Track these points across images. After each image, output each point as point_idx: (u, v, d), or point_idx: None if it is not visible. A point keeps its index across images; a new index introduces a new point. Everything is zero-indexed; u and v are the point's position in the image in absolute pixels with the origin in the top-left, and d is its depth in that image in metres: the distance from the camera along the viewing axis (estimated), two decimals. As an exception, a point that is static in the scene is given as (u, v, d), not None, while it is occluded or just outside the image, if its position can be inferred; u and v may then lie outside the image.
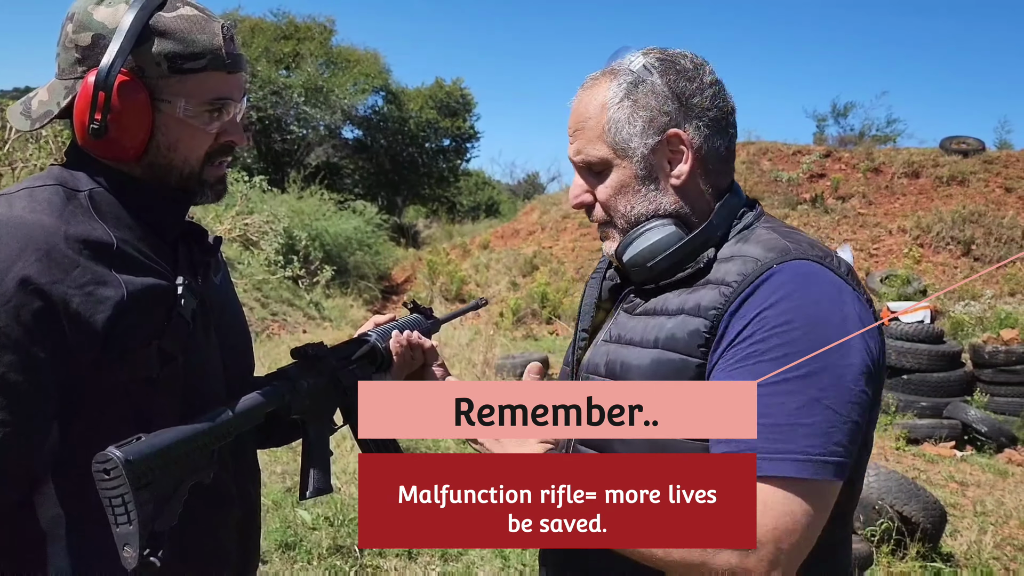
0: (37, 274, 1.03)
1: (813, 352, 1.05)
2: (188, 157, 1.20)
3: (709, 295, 1.15)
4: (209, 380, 1.22)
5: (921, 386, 7.79)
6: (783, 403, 1.04)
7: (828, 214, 14.29)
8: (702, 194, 1.27)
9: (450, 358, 9.25)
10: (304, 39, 25.68)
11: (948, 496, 5.61)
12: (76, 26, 1.14)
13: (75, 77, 1.15)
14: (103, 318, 1.07)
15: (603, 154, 1.26)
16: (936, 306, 10.50)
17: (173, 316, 1.16)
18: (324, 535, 4.05)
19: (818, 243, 1.22)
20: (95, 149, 1.16)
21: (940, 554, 4.47)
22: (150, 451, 1.02)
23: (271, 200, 15.20)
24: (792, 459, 1.01)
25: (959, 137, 15.63)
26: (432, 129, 27.70)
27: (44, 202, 1.10)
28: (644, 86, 1.24)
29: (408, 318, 1.61)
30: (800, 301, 1.09)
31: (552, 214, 17.54)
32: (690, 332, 1.14)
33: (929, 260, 12.75)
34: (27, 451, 1.03)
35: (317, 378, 1.32)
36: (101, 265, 1.09)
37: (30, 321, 1.02)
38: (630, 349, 1.23)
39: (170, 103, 1.16)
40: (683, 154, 1.25)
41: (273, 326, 11.43)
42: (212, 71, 1.18)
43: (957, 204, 13.69)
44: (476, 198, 31.83)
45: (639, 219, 1.27)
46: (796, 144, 16.79)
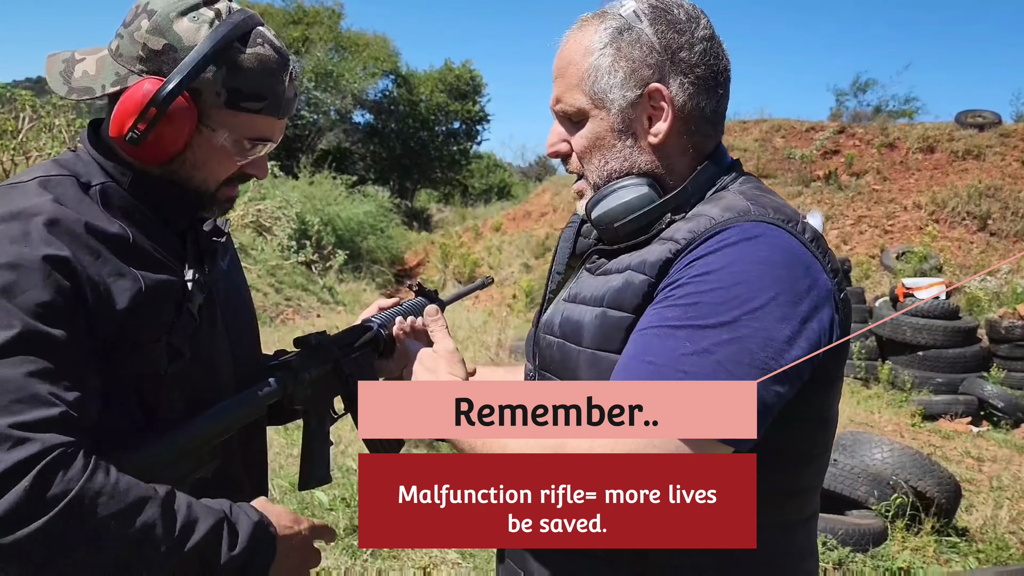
0: (70, 254, 1.02)
1: (725, 307, 1.00)
2: (208, 178, 1.20)
3: (656, 251, 1.10)
4: (217, 372, 1.23)
5: (937, 362, 7.77)
6: (673, 347, 1.00)
7: (842, 191, 14.17)
8: (682, 155, 1.20)
9: (463, 340, 9.28)
10: (313, 24, 25.60)
11: (964, 472, 5.60)
12: (153, 27, 1.12)
13: (131, 70, 1.13)
14: (122, 309, 1.07)
15: (580, 103, 1.19)
16: (951, 281, 10.43)
17: (182, 312, 1.16)
18: (341, 516, 4.09)
19: (786, 206, 1.15)
20: (121, 145, 1.15)
21: (955, 529, 4.47)
22: (151, 457, 1.05)
23: (283, 186, 15.23)
24: None
25: (975, 111, 15.43)
26: (442, 112, 27.60)
27: (61, 192, 1.10)
28: (630, 33, 1.16)
29: (412, 302, 1.60)
30: (734, 257, 1.03)
31: (564, 195, 17.48)
32: (633, 289, 1.10)
33: (945, 236, 12.63)
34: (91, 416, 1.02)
35: (319, 367, 1.32)
36: (119, 258, 1.09)
37: (69, 292, 1.01)
38: (581, 308, 1.19)
39: (213, 131, 1.16)
40: (663, 111, 1.17)
41: (287, 311, 11.49)
42: (266, 115, 1.18)
43: (973, 179, 13.53)
44: (488, 181, 31.74)
45: (611, 175, 1.20)
46: (809, 121, 16.64)
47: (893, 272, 11.33)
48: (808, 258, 1.07)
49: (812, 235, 1.10)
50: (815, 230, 1.13)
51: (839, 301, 1.08)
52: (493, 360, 8.28)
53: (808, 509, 1.19)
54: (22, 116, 8.83)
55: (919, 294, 8.66)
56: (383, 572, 3.65)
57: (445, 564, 3.72)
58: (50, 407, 0.95)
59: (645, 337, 1.04)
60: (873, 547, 4.11)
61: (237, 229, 12.04)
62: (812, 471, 1.17)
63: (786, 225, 1.08)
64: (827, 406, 1.15)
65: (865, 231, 13.24)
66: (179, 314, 1.15)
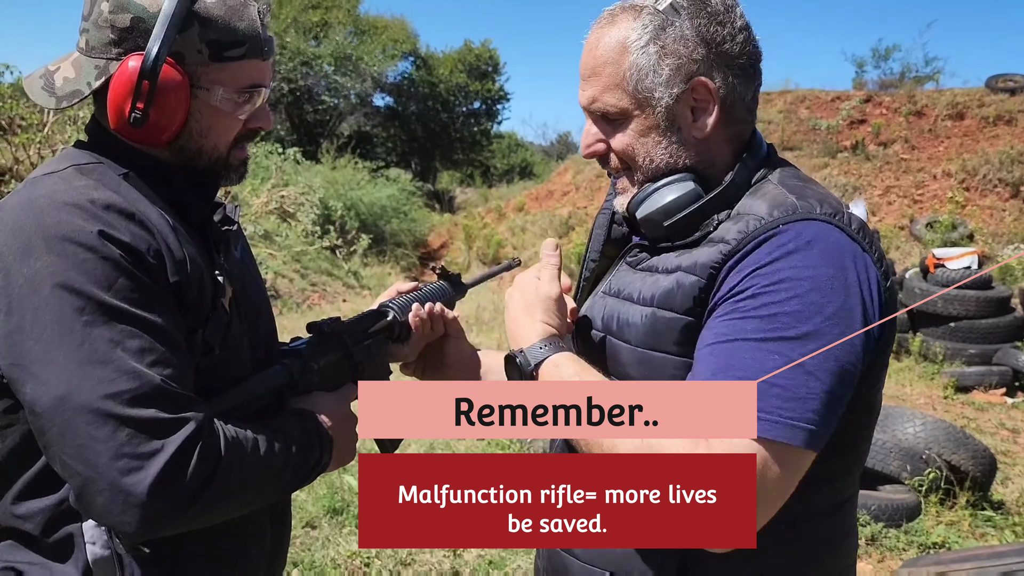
0: (129, 238, 1.03)
1: (805, 315, 1.01)
2: (217, 143, 1.19)
3: (707, 252, 1.10)
4: (237, 364, 1.22)
5: (969, 333, 7.64)
6: (761, 360, 1.00)
7: (870, 161, 13.94)
8: (725, 145, 1.20)
9: (488, 322, 9.29)
10: (332, 8, 25.57)
11: (998, 444, 5.51)
12: (114, 5, 1.10)
13: (108, 58, 1.11)
14: (171, 295, 1.08)
15: (622, 104, 1.17)
16: (984, 250, 10.24)
17: (217, 306, 1.16)
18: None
19: (830, 197, 1.14)
20: (127, 134, 1.14)
21: (991, 502, 4.41)
22: None
23: (305, 172, 15.30)
24: (763, 419, 0.97)
25: (1006, 75, 15.07)
26: (462, 93, 27.56)
27: (99, 176, 1.10)
28: (673, 29, 1.13)
29: (432, 286, 1.58)
30: (800, 262, 1.03)
31: (586, 174, 17.38)
32: (684, 291, 1.10)
33: (976, 204, 12.38)
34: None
35: (330, 355, 1.31)
36: (167, 242, 1.09)
37: (142, 269, 1.03)
38: (627, 305, 1.19)
39: (208, 91, 1.14)
40: (709, 104, 1.16)
41: (313, 296, 11.57)
42: (250, 59, 1.16)
43: (1004, 144, 13.23)
44: (509, 161, 31.68)
45: (657, 172, 1.19)
46: (835, 91, 16.35)
47: (923, 242, 11.15)
48: (859, 252, 1.07)
49: (859, 226, 1.10)
50: (861, 220, 1.12)
51: (886, 290, 1.09)
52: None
53: (850, 490, 1.22)
54: (46, 110, 8.92)
55: (950, 264, 8.51)
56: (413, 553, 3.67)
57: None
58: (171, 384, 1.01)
59: (727, 350, 1.03)
60: (907, 522, 4.07)
61: (261, 216, 12.12)
62: (857, 455, 1.20)
63: (834, 219, 1.08)
64: (874, 393, 1.16)
65: (894, 201, 13.03)
66: (214, 308, 1.15)
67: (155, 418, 0.98)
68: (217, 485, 1.02)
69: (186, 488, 0.99)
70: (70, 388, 0.96)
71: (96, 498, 0.96)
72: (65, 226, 1.00)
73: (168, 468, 0.97)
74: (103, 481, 0.95)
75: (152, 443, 0.97)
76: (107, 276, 1.00)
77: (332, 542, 3.72)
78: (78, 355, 0.97)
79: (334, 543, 3.71)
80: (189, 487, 0.99)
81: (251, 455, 1.08)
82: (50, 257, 0.99)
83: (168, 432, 0.98)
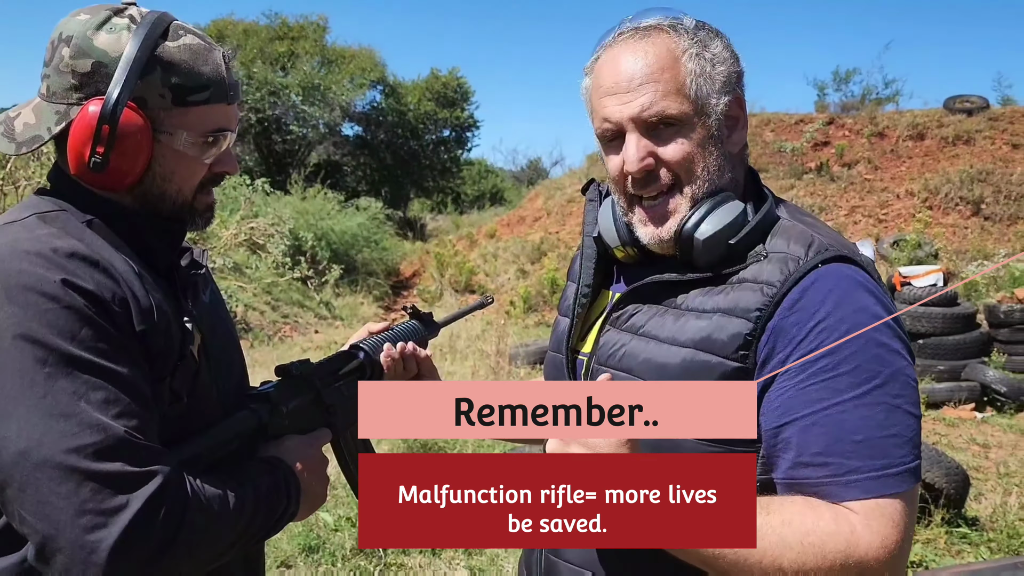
0: (93, 286, 1.01)
1: (881, 358, 1.05)
2: (182, 187, 1.18)
3: (749, 296, 1.10)
4: (204, 412, 1.19)
5: (938, 350, 7.73)
6: (870, 416, 1.03)
7: (834, 182, 14.18)
8: (741, 167, 1.22)
9: (463, 350, 9.26)
10: (298, 39, 25.63)
11: (970, 459, 5.58)
12: (75, 51, 1.09)
13: (69, 103, 1.10)
14: (137, 344, 1.05)
15: (684, 108, 1.13)
16: (948, 267, 10.42)
17: (185, 354, 1.13)
18: (347, 536, 4.05)
19: (838, 234, 1.19)
20: (88, 179, 1.12)
21: (965, 519, 4.44)
22: None
23: (275, 202, 15.22)
24: (893, 474, 1.02)
25: (962, 96, 15.47)
26: (431, 121, 27.63)
27: (63, 225, 1.08)
28: (715, 42, 1.16)
29: (404, 326, 1.57)
30: (853, 309, 1.06)
31: (557, 199, 17.47)
32: (731, 334, 1.09)
33: (939, 222, 12.63)
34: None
35: (299, 398, 1.28)
36: (132, 289, 1.07)
37: (104, 318, 1.00)
38: (651, 344, 1.17)
39: (171, 135, 1.13)
40: (739, 120, 1.18)
41: (285, 328, 11.46)
42: (214, 104, 1.15)
43: (964, 164, 13.55)
44: (480, 187, 31.78)
45: (712, 187, 1.16)
46: (799, 114, 16.65)
47: (889, 261, 11.32)
48: (879, 290, 1.12)
49: (870, 263, 1.15)
50: (870, 260, 1.17)
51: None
52: (493, 369, 8.25)
53: None
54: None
55: (916, 282, 8.64)
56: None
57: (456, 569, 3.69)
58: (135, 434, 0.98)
59: (830, 416, 1.04)
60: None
61: (231, 248, 12.01)
62: None
63: (856, 258, 1.12)
64: None
65: (859, 221, 13.25)
66: (182, 356, 1.13)
67: (120, 472, 0.94)
68: (184, 540, 0.99)
69: (152, 544, 0.96)
70: (31, 442, 0.93)
71: (57, 556, 0.93)
72: (27, 275, 0.98)
73: (134, 524, 0.93)
74: (64, 539, 0.92)
75: (117, 498, 0.93)
76: (70, 326, 0.97)
77: (309, 580, 3.65)
78: (40, 408, 0.94)
79: (311, 581, 3.64)
80: (155, 543, 0.96)
81: (219, 508, 1.05)
82: (11, 307, 0.96)
83: (134, 486, 0.95)
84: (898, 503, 1.01)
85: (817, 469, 1.03)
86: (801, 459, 1.04)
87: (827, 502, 1.03)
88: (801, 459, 1.04)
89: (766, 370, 1.08)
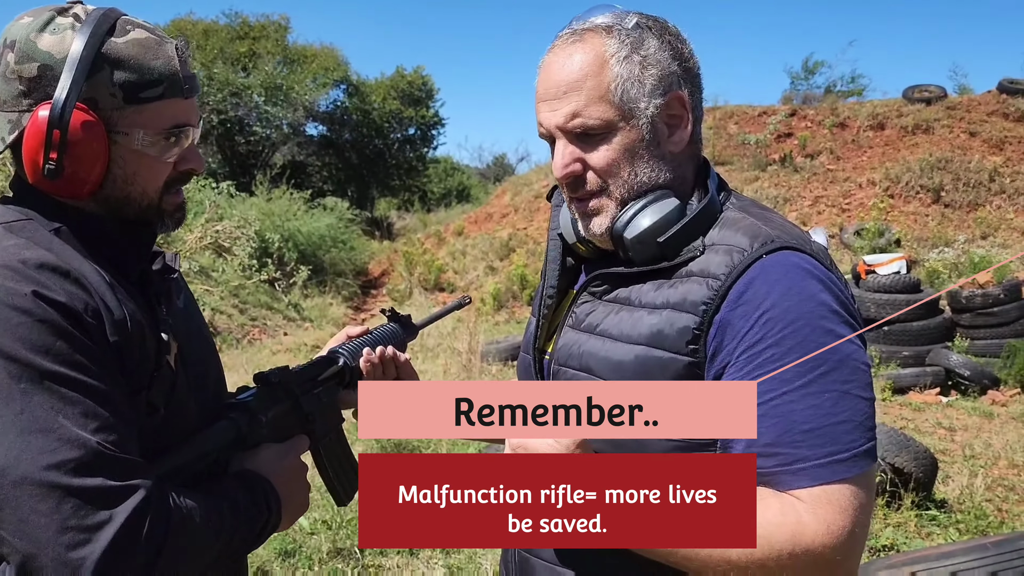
0: (65, 298, 0.98)
1: (822, 348, 1.04)
2: (146, 188, 1.14)
3: (695, 289, 1.10)
4: (185, 421, 1.17)
5: (902, 336, 7.86)
6: (818, 404, 1.03)
7: (798, 173, 14.35)
8: (689, 164, 1.22)
9: (434, 348, 9.23)
10: (259, 38, 25.35)
11: (937, 443, 5.68)
12: (19, 56, 1.05)
13: (20, 110, 1.07)
14: (112, 356, 1.02)
15: (608, 115, 1.14)
16: (910, 255, 10.60)
17: (162, 366, 1.11)
18: (323, 539, 4.02)
19: (790, 224, 1.18)
20: (47, 187, 1.08)
21: (934, 501, 4.53)
22: None
23: (240, 204, 15.05)
24: (841, 459, 1.02)
25: (921, 86, 15.74)
26: (396, 119, 27.51)
27: (30, 235, 1.05)
28: (649, 43, 1.15)
29: (382, 329, 1.56)
30: (799, 298, 1.06)
31: (524, 195, 17.49)
32: (679, 329, 1.10)
33: (900, 210, 12.84)
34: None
35: (278, 406, 1.26)
36: (105, 300, 1.04)
37: (78, 329, 0.98)
38: (605, 342, 1.17)
39: (127, 135, 1.09)
40: (683, 119, 1.17)
41: (253, 331, 11.34)
42: (169, 98, 1.11)
43: (924, 152, 13.79)
44: (446, 185, 31.71)
45: (640, 189, 1.17)
46: (761, 106, 16.83)
47: (852, 250, 11.49)
48: (831, 277, 1.12)
49: (822, 251, 1.15)
50: (823, 247, 1.17)
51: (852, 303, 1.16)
52: (465, 367, 8.23)
53: None
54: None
55: (880, 270, 8.78)
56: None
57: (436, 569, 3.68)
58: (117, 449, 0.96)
59: (779, 407, 1.05)
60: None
61: (196, 251, 11.85)
62: None
63: (805, 248, 1.12)
64: None
65: (823, 211, 13.43)
66: (158, 366, 1.10)
67: (102, 487, 0.92)
68: (168, 554, 0.97)
69: (137, 559, 0.94)
70: (9, 460, 0.90)
71: (39, 575, 0.91)
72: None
73: (117, 539, 0.92)
74: (47, 556, 0.90)
75: (100, 514, 0.91)
76: (44, 340, 0.95)
77: (286, 584, 3.62)
78: (17, 424, 0.91)
79: (288, 585, 3.61)
80: (140, 558, 0.94)
81: (200, 522, 1.03)
82: None
83: (116, 501, 0.93)
84: (847, 488, 1.02)
85: (768, 459, 1.04)
86: (752, 450, 1.06)
87: (777, 491, 1.04)
88: (752, 450, 1.06)
89: (715, 363, 1.09)
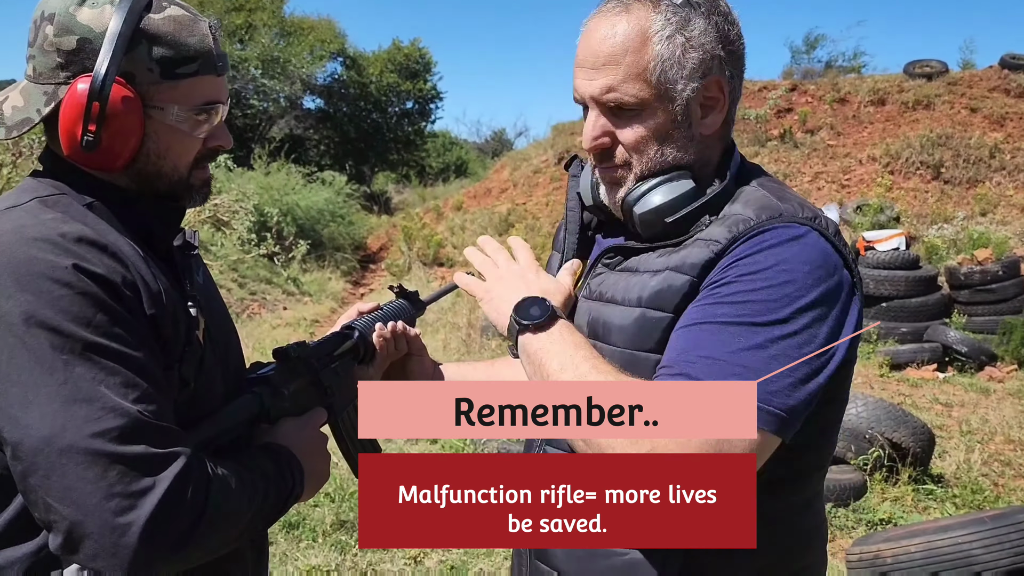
0: (103, 270, 0.99)
1: (777, 305, 1.02)
2: (177, 164, 1.16)
3: (696, 252, 1.11)
4: (212, 396, 1.19)
5: (900, 312, 7.90)
6: (728, 342, 1.01)
7: (798, 148, 14.29)
8: (717, 146, 1.22)
9: (433, 323, 9.25)
10: (256, 10, 25.04)
11: (934, 418, 5.72)
12: (58, 28, 1.06)
13: (57, 82, 1.08)
14: (149, 328, 1.04)
15: (643, 94, 1.13)
16: (909, 231, 10.60)
17: (192, 341, 1.13)
18: (327, 512, 4.06)
19: (807, 203, 1.17)
20: (81, 159, 1.10)
21: (931, 476, 4.58)
22: None
23: (238, 178, 14.97)
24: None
25: (922, 61, 15.63)
26: (394, 93, 27.29)
27: (65, 208, 1.06)
28: (695, 24, 1.12)
29: (393, 305, 1.58)
30: (780, 257, 1.05)
31: (523, 170, 17.42)
32: (675, 289, 1.10)
33: (900, 186, 12.81)
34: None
35: (298, 380, 1.29)
36: (140, 274, 1.05)
37: (116, 302, 0.99)
38: (612, 308, 1.18)
39: (162, 110, 1.11)
40: (718, 103, 1.17)
41: (253, 306, 11.34)
42: (203, 75, 1.13)
43: (924, 128, 13.73)
44: (444, 159, 31.55)
45: (664, 167, 1.17)
46: (761, 80, 16.72)
47: (852, 226, 11.49)
48: (837, 258, 1.10)
49: (835, 230, 1.13)
50: (835, 224, 1.16)
51: (859, 290, 1.13)
52: (465, 341, 8.25)
53: (822, 483, 1.26)
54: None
55: (879, 247, 8.79)
56: (373, 564, 3.64)
57: (436, 551, 3.72)
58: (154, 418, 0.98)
59: (696, 333, 1.04)
60: (854, 501, 4.20)
61: (194, 225, 11.81)
62: (830, 447, 1.23)
63: (814, 223, 1.10)
64: (845, 388, 1.19)
65: (823, 187, 13.39)
66: (189, 342, 1.12)
67: (145, 454, 0.94)
68: (209, 519, 0.99)
69: (181, 524, 0.96)
70: (54, 428, 0.92)
71: (85, 541, 0.92)
72: (37, 262, 0.97)
73: (162, 505, 0.94)
74: (93, 523, 0.91)
75: (144, 480, 0.94)
76: (84, 312, 0.96)
77: (290, 557, 3.66)
78: (61, 394, 0.93)
79: (292, 558, 3.65)
80: (184, 523, 0.96)
81: (236, 489, 1.05)
82: (23, 295, 0.95)
83: (159, 468, 0.95)
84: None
85: (667, 370, 1.03)
86: (665, 367, 1.05)
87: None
88: (665, 367, 1.05)
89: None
